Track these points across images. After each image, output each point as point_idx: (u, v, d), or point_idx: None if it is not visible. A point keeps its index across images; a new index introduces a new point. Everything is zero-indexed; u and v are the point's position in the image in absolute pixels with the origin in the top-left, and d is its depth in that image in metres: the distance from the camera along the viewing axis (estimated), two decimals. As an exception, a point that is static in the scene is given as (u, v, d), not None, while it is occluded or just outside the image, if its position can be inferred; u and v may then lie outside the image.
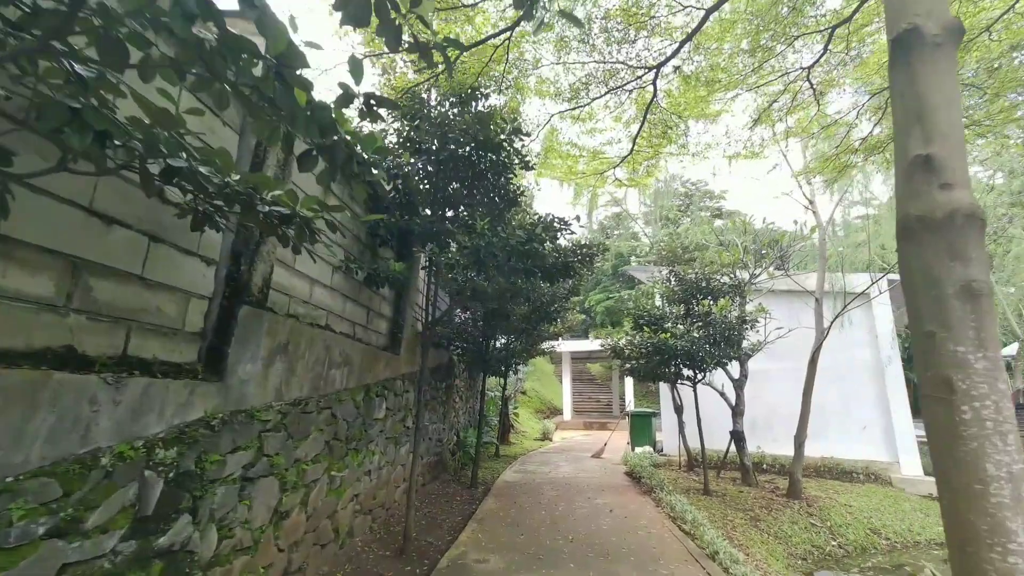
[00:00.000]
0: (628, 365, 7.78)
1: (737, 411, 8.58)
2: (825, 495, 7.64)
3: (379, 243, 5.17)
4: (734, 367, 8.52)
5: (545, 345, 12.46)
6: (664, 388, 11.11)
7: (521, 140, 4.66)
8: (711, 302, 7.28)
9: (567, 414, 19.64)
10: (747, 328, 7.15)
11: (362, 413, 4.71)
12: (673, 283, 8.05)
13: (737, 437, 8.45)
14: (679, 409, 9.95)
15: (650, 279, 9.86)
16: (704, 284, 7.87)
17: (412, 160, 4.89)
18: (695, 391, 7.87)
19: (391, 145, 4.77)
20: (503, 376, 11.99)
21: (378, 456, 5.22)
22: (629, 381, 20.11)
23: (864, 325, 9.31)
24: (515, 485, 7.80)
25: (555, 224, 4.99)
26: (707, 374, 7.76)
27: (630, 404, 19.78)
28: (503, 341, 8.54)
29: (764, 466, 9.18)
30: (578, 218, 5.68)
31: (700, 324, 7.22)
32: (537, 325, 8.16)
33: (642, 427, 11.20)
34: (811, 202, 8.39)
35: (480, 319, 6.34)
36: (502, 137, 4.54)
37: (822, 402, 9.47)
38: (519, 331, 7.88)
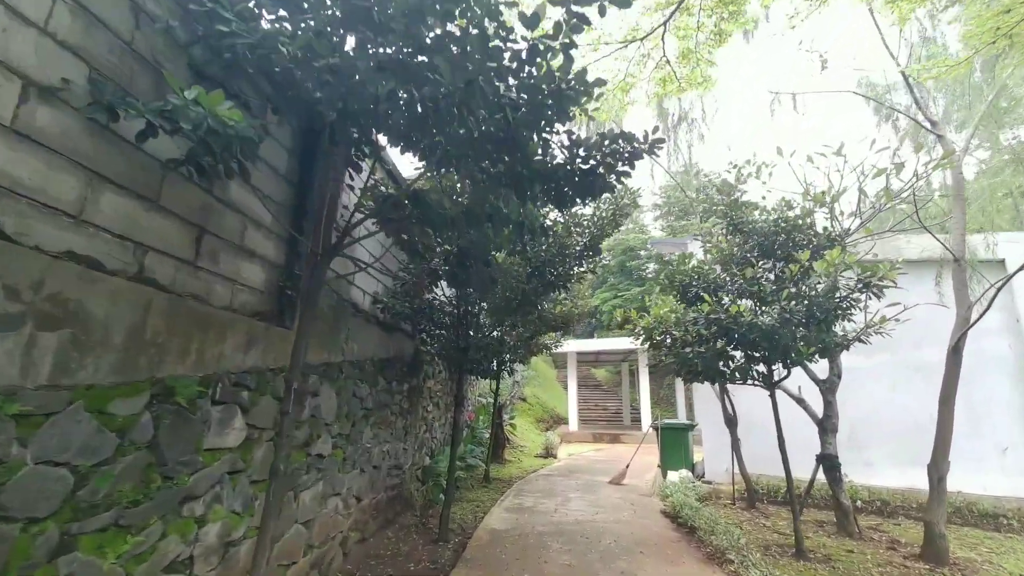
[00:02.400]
0: (672, 358, 5.17)
1: (827, 427, 5.96)
2: (979, 556, 5.01)
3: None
4: (818, 363, 5.90)
5: (548, 342, 9.89)
6: (705, 394, 8.49)
7: None
8: (811, 258, 4.67)
9: (573, 424, 17.00)
10: (868, 297, 4.54)
11: (144, 441, 2.13)
12: (738, 237, 5.46)
13: (828, 464, 5.82)
14: (731, 422, 7.33)
15: (691, 248, 7.26)
16: (784, 236, 5.29)
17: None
18: (772, 396, 5.27)
19: None
20: (495, 378, 9.41)
21: (223, 522, 2.62)
22: (644, 386, 17.46)
23: (999, 305, 6.74)
24: (505, 538, 5.18)
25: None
26: (791, 370, 5.17)
27: (645, 413, 17.12)
28: (489, 324, 5.95)
29: (858, 503, 6.54)
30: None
31: (790, 293, 4.63)
32: (540, 299, 5.58)
33: (676, 444, 8.57)
34: (934, 123, 5.83)
35: (443, 270, 3.77)
36: None
37: (934, 414, 6.85)
38: (514, 306, 5.29)
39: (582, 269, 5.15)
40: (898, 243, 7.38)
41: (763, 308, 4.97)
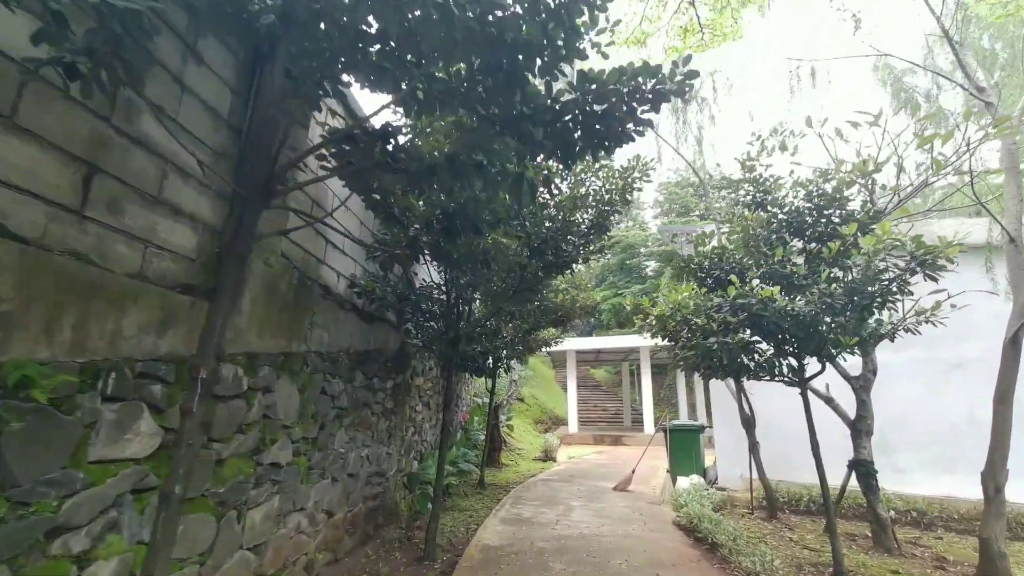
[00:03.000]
0: (692, 350, 4.52)
1: (860, 429, 5.35)
2: (1041, 577, 4.38)
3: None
4: (847, 359, 5.26)
5: (547, 338, 9.27)
6: (718, 393, 7.88)
7: None
8: (855, 236, 4.04)
9: (572, 426, 16.36)
10: (924, 279, 3.90)
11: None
12: (765, 215, 4.83)
13: (863, 471, 5.20)
14: (749, 423, 6.71)
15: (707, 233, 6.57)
16: (817, 214, 4.67)
17: None
18: (804, 394, 4.64)
19: None
20: (490, 376, 8.78)
21: (121, 559, 1.97)
22: (646, 387, 16.85)
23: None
24: (500, 556, 4.53)
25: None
26: (825, 364, 4.55)
27: (648, 414, 16.50)
28: (483, 313, 5.31)
29: (892, 514, 5.91)
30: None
31: (830, 276, 4.00)
32: (540, 285, 4.95)
33: (686, 448, 7.94)
34: (981, 89, 5.22)
35: (425, 241, 3.09)
36: None
37: (974, 415, 6.24)
38: (511, 293, 4.66)
39: (590, 249, 4.52)
40: (931, 227, 6.76)
41: (793, 294, 4.36)
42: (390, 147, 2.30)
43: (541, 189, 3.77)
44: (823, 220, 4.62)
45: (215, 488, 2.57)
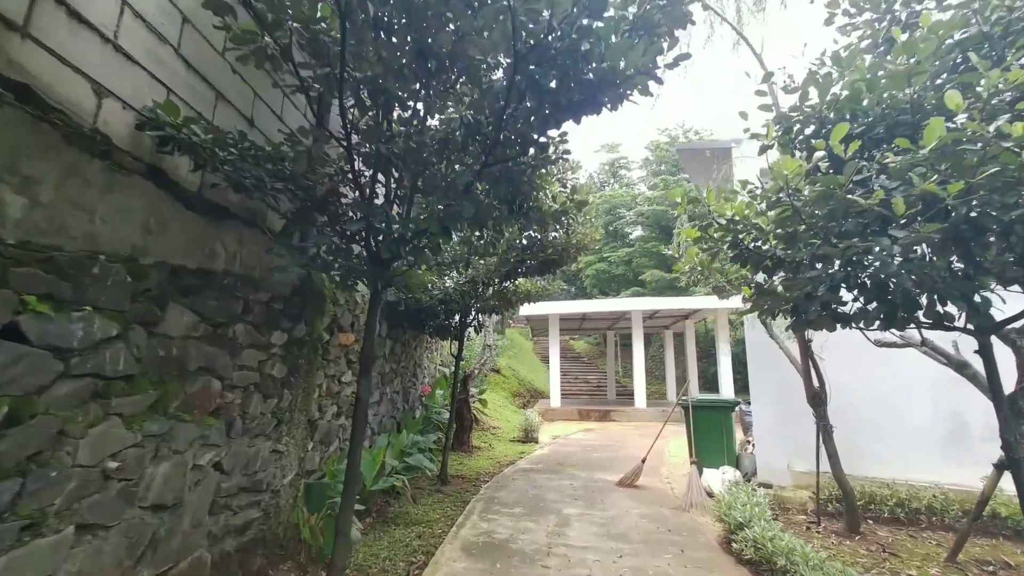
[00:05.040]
0: (820, 261, 2.40)
1: (1023, 407, 3.45)
2: None
3: None
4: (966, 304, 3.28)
5: (530, 289, 7.05)
6: (758, 356, 5.91)
7: None
8: None
9: (555, 400, 14.51)
10: None
11: None
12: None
13: (1032, 471, 3.31)
14: (819, 399, 4.76)
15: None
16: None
17: None
18: (987, 346, 2.65)
19: None
20: (456, 338, 6.64)
21: None
22: (638, 356, 14.96)
23: None
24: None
25: None
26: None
27: (639, 387, 14.73)
28: (424, 209, 3.06)
29: (1018, 526, 4.14)
30: None
31: None
32: (526, 156, 2.75)
33: (714, 430, 6.00)
34: None
35: None
36: None
37: None
38: (476, 168, 2.44)
39: (635, 72, 2.30)
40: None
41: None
42: None
43: None
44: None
45: None
